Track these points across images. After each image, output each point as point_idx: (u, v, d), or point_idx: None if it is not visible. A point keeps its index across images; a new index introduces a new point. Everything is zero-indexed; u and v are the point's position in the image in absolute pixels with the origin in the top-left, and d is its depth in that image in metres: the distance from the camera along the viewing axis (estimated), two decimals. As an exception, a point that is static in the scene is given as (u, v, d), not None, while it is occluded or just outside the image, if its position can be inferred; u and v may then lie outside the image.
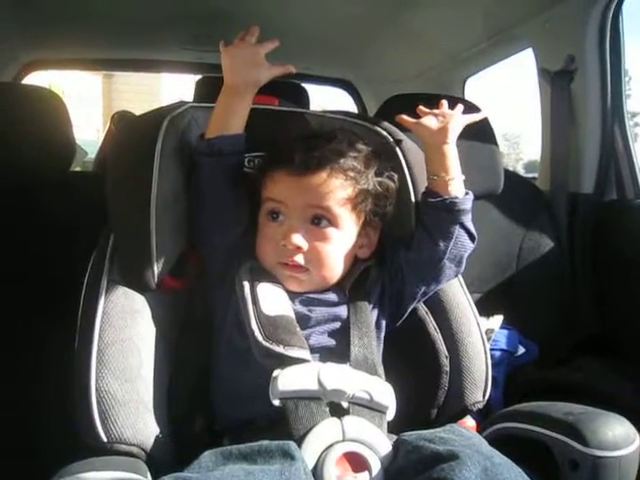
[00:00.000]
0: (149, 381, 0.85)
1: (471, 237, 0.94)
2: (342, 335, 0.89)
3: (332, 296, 0.92)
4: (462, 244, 0.93)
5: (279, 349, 0.81)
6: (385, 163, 0.95)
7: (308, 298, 0.91)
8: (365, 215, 0.93)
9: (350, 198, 0.90)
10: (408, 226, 0.99)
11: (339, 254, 0.91)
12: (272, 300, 0.87)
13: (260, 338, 0.82)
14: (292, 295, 0.90)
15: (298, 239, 0.88)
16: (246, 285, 0.88)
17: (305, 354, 0.83)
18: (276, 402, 0.79)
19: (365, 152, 0.93)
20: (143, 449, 0.79)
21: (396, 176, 0.96)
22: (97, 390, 0.80)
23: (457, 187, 0.93)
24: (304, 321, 0.89)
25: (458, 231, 0.92)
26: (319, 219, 0.90)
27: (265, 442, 0.71)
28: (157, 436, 0.81)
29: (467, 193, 0.94)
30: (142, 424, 0.80)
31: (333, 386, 0.79)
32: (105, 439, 0.77)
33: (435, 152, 0.94)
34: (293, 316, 0.88)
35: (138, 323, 0.87)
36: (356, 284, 0.95)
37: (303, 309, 0.90)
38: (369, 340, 0.89)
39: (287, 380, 0.79)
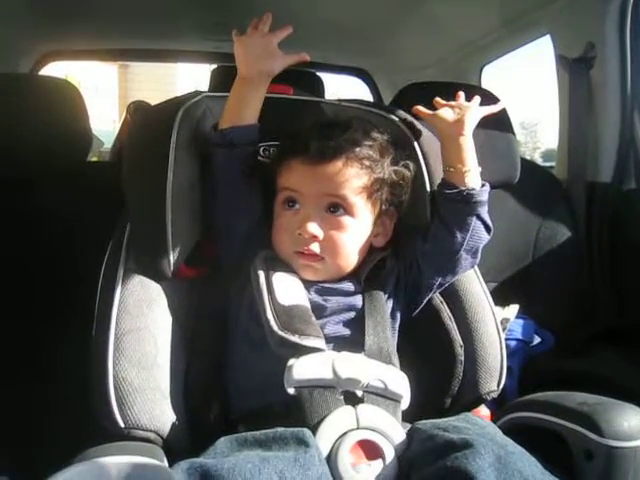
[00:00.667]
0: (165, 369, 0.86)
1: (487, 228, 0.93)
2: (357, 324, 0.90)
3: (347, 285, 0.92)
4: (478, 235, 0.92)
5: (294, 338, 0.82)
6: (401, 151, 0.95)
7: (323, 287, 0.91)
8: (381, 204, 0.93)
9: (366, 187, 0.90)
10: (423, 215, 0.98)
11: (355, 243, 0.92)
12: (287, 289, 0.88)
13: (275, 327, 0.83)
14: (307, 284, 0.91)
15: (314, 228, 0.88)
16: (261, 275, 0.88)
17: (320, 343, 0.83)
18: (291, 391, 0.79)
19: (380, 141, 0.92)
20: (159, 435, 0.80)
21: (412, 165, 0.95)
22: (114, 377, 0.81)
23: (474, 179, 0.92)
24: (319, 310, 0.89)
25: (474, 222, 0.91)
26: (335, 207, 0.90)
27: (280, 429, 0.72)
28: (173, 422, 0.82)
29: (483, 185, 0.93)
30: (158, 411, 0.82)
31: (348, 375, 0.80)
32: (122, 425, 0.79)
33: (451, 144, 0.93)
34: (308, 305, 0.88)
35: (154, 311, 0.88)
36: (371, 274, 0.95)
37: (318, 298, 0.90)
38: (384, 329, 0.89)
39: (302, 369, 0.80)
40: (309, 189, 0.90)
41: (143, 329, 0.85)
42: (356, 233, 0.91)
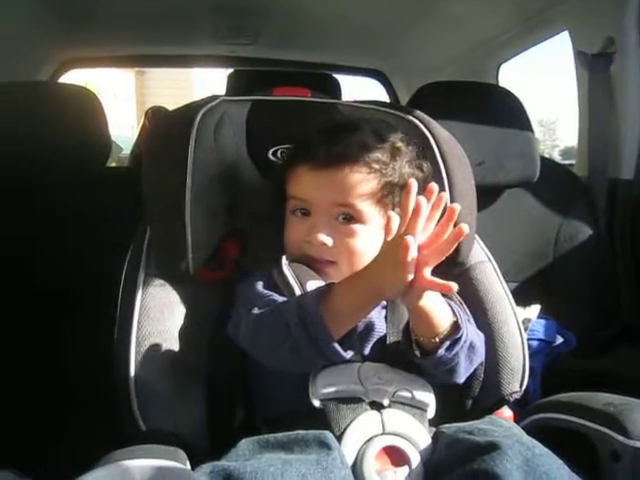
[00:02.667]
0: (187, 372, 0.86)
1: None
2: (381, 332, 0.88)
3: None
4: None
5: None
6: (418, 152, 0.93)
7: None
8: (393, 207, 0.90)
9: (375, 192, 0.87)
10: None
11: (367, 248, 0.89)
12: None
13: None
14: None
15: (322, 237, 0.87)
16: (295, 286, 0.85)
17: (356, 355, 0.82)
18: (316, 403, 0.78)
19: (393, 141, 0.90)
20: (182, 438, 0.80)
21: (426, 165, 0.93)
22: (136, 381, 0.81)
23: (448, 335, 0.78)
24: None
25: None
26: (344, 215, 0.88)
27: (302, 432, 0.72)
28: (195, 426, 0.83)
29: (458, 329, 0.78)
30: (180, 414, 0.82)
31: (374, 385, 0.79)
32: (145, 428, 0.79)
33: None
34: None
35: (175, 315, 0.88)
36: None
37: None
38: (406, 337, 0.88)
39: (327, 381, 0.79)
40: (317, 198, 0.88)
41: (165, 332, 0.86)
42: (368, 239, 0.89)
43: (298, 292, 0.85)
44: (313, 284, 0.86)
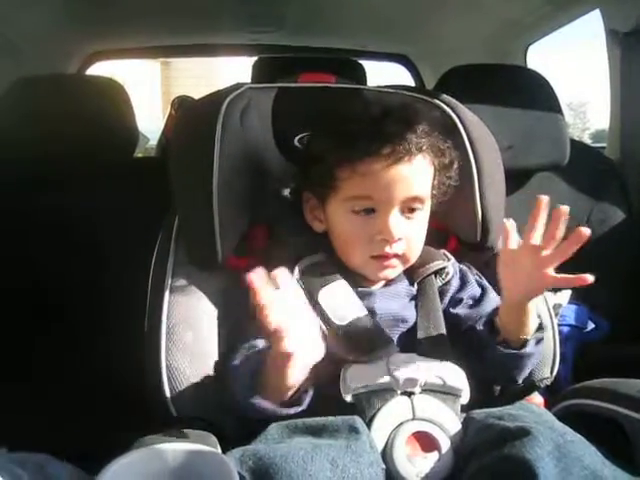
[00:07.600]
0: (217, 358, 0.87)
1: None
2: (410, 324, 0.88)
3: (400, 287, 0.91)
4: None
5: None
6: (445, 135, 0.91)
7: (376, 291, 0.89)
8: (436, 184, 0.90)
9: (434, 177, 0.88)
10: (471, 208, 0.96)
11: (424, 233, 0.89)
12: (338, 305, 0.85)
13: (351, 358, 0.81)
14: (361, 291, 0.88)
15: (400, 231, 0.84)
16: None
17: (384, 347, 0.82)
18: (348, 398, 0.78)
19: (432, 126, 0.88)
20: (212, 423, 0.81)
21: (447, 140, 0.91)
22: (167, 367, 0.83)
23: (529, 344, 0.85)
24: (374, 314, 0.86)
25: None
26: (412, 206, 0.86)
27: (331, 417, 0.72)
28: (226, 411, 0.83)
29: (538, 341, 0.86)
30: (211, 399, 0.83)
31: (405, 376, 0.78)
32: (176, 413, 0.80)
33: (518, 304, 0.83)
34: (365, 312, 0.85)
35: (205, 302, 0.89)
36: (427, 277, 0.93)
37: (371, 304, 0.87)
38: (436, 327, 0.87)
39: (357, 376, 0.79)
40: (388, 194, 0.84)
41: (194, 319, 0.87)
42: (425, 223, 0.89)
43: (308, 307, 0.82)
44: (324, 294, 0.85)
